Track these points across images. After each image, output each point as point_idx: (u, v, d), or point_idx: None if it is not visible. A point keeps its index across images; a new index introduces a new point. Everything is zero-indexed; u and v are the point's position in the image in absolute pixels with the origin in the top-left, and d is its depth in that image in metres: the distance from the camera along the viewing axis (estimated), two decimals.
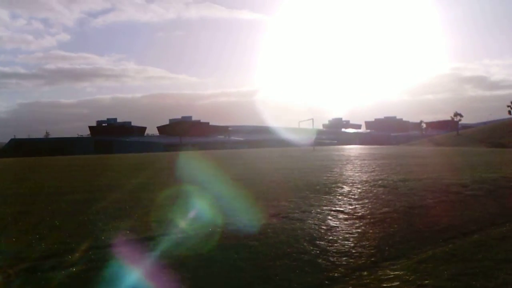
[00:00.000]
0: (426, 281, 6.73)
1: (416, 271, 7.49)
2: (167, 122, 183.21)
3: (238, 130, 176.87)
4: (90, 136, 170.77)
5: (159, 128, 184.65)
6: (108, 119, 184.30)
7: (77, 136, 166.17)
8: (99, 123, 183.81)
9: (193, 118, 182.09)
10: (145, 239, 9.29)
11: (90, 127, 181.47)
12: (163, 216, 11.26)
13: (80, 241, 9.02)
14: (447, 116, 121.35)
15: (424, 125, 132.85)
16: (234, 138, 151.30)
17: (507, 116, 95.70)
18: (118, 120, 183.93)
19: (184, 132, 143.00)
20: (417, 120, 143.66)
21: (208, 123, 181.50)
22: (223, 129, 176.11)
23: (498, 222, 11.46)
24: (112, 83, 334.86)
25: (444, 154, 38.73)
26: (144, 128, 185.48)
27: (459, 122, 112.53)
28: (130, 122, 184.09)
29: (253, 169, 25.46)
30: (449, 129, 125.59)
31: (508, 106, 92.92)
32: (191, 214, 11.61)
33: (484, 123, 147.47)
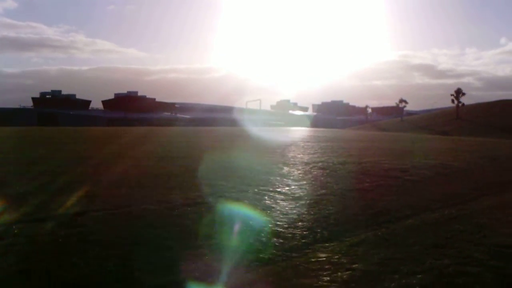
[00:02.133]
0: (355, 265, 6.64)
1: (347, 254, 7.39)
2: (113, 97, 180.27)
3: (185, 107, 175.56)
4: (33, 107, 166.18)
5: (103, 102, 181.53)
6: (52, 91, 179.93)
7: (19, 107, 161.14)
8: (43, 94, 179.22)
9: (140, 94, 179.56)
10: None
11: (34, 99, 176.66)
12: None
13: None
14: (392, 102, 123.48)
15: (369, 110, 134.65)
16: (180, 115, 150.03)
17: (450, 104, 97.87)
18: (63, 93, 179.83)
19: (129, 107, 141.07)
20: (363, 105, 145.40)
21: (154, 99, 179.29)
22: (170, 106, 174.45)
23: (433, 208, 11.54)
24: (59, 54, 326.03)
25: (387, 139, 39.24)
26: (88, 102, 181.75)
27: (404, 109, 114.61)
28: (74, 95, 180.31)
29: (195, 148, 25.13)
30: (394, 115, 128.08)
31: (451, 95, 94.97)
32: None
33: (428, 110, 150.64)
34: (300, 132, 51.13)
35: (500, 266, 6.61)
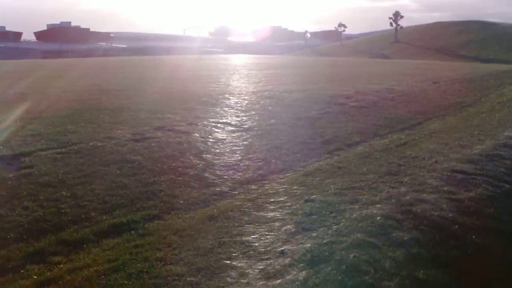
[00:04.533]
0: (314, 196, 6.63)
1: (303, 184, 7.42)
2: (45, 28, 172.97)
3: (120, 37, 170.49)
4: None
5: (36, 34, 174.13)
6: None
7: None
8: None
9: (73, 24, 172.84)
10: None
11: None
12: None
13: None
14: (331, 27, 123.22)
15: (308, 35, 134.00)
16: (116, 45, 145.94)
17: (389, 27, 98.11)
18: None
19: (63, 39, 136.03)
20: (302, 30, 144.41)
21: (88, 29, 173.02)
22: (105, 36, 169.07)
23: (381, 133, 11.72)
24: None
25: (328, 65, 39.36)
26: (20, 34, 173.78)
27: (343, 33, 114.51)
28: (4, 27, 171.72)
29: (136, 79, 24.42)
30: (333, 40, 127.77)
31: (390, 18, 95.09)
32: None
33: (366, 34, 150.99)
34: (241, 59, 50.65)
35: (454, 191, 6.76)
